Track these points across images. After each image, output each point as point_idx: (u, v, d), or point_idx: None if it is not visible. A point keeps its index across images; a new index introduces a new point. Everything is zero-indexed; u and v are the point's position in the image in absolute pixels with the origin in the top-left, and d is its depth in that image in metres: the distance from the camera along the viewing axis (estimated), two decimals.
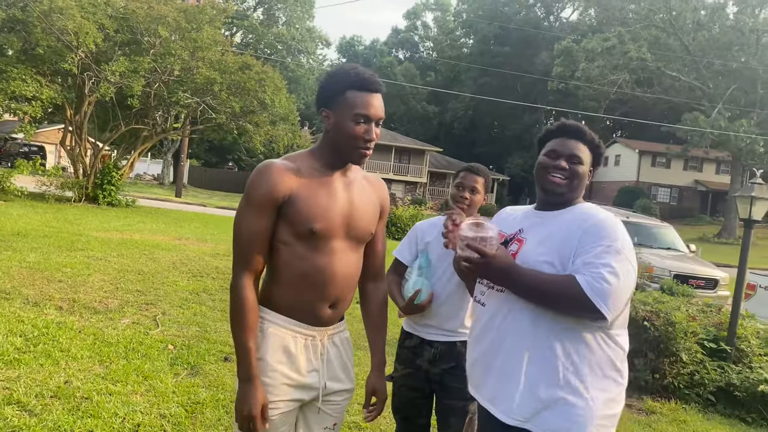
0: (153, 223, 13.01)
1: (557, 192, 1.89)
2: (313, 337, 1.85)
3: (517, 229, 1.94)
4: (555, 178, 1.88)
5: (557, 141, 1.93)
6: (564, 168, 1.87)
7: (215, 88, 15.75)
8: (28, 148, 31.49)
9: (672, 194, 45.55)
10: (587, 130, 1.95)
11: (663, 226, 13.52)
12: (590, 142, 1.93)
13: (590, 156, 1.93)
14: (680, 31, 36.30)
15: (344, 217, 1.82)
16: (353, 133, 1.76)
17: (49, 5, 13.31)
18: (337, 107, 1.78)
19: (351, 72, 1.80)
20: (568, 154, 1.89)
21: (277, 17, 47.36)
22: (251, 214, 1.76)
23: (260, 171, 1.77)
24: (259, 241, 1.77)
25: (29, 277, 6.14)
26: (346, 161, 1.85)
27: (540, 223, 1.90)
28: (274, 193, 1.74)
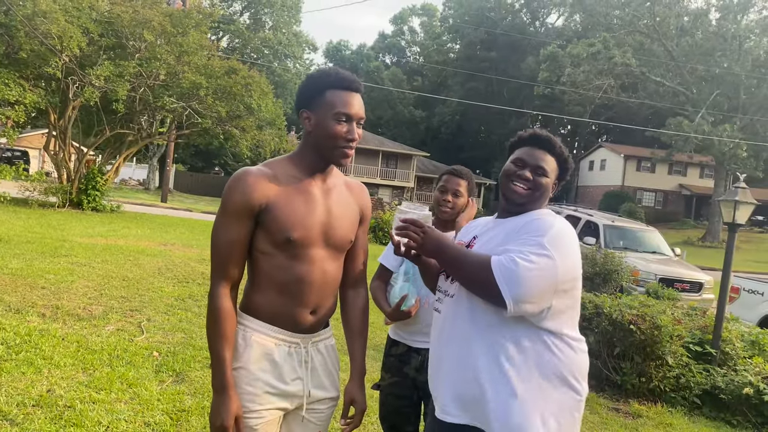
0: (138, 229, 12.90)
1: (517, 201, 1.88)
2: (296, 344, 1.83)
3: (471, 236, 1.96)
4: (517, 186, 1.87)
5: (526, 150, 1.92)
6: (528, 178, 1.87)
7: (201, 93, 15.68)
8: (11, 153, 31.14)
9: (657, 198, 45.99)
10: (558, 142, 1.94)
11: (648, 230, 13.64)
12: (559, 155, 1.92)
13: (557, 169, 1.92)
14: (664, 37, 36.71)
15: (322, 225, 1.80)
16: (334, 132, 1.75)
17: (32, 9, 13.18)
18: (318, 107, 1.77)
19: (331, 72, 1.80)
20: (534, 164, 1.88)
21: (263, 22, 47.30)
22: (227, 222, 1.74)
23: (236, 178, 1.75)
24: (235, 250, 1.75)
25: (11, 284, 6.06)
26: (327, 163, 1.82)
27: (492, 228, 1.92)
28: (250, 201, 1.71)
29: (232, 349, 1.74)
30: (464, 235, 2.05)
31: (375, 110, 58.91)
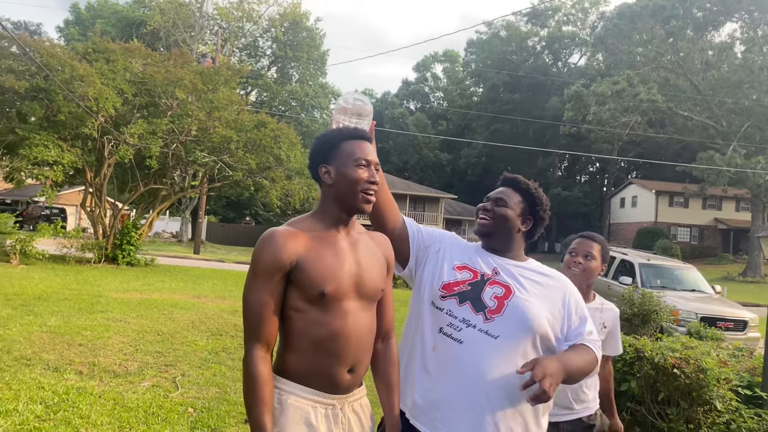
0: (172, 282, 13.06)
1: (482, 232, 2.06)
2: (333, 405, 1.79)
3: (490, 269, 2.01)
4: (480, 219, 2.06)
5: (495, 190, 2.11)
6: (487, 209, 2.05)
7: (232, 146, 16.05)
8: (49, 211, 32.08)
9: (692, 233, 45.01)
10: (521, 179, 2.10)
11: (685, 268, 13.30)
12: (523, 189, 2.08)
13: (521, 202, 2.06)
14: (689, 72, 36.59)
15: (353, 276, 1.79)
16: (357, 177, 1.78)
17: (70, 73, 13.77)
18: (336, 159, 1.81)
19: (341, 128, 1.89)
20: (495, 197, 2.07)
21: (290, 75, 48.54)
22: (258, 284, 1.73)
23: (264, 239, 1.76)
24: (268, 311, 1.73)
25: (50, 342, 6.15)
26: (351, 211, 1.83)
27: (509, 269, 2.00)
28: (281, 260, 1.72)
29: (272, 414, 1.71)
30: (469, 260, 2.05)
31: (401, 155, 59.45)
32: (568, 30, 58.57)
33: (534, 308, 1.90)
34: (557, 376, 1.76)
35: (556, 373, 1.76)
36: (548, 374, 1.73)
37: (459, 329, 1.90)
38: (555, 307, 1.95)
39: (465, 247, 2.12)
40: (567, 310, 1.97)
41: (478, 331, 1.87)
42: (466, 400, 1.85)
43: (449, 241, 2.14)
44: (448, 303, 1.95)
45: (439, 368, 1.92)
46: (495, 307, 1.91)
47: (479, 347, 1.86)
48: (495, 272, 1.99)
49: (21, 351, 5.67)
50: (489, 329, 1.87)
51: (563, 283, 2.04)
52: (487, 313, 1.90)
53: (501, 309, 1.90)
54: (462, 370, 1.87)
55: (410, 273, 2.15)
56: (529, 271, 2.02)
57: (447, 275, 2.01)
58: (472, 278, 1.98)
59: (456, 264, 2.04)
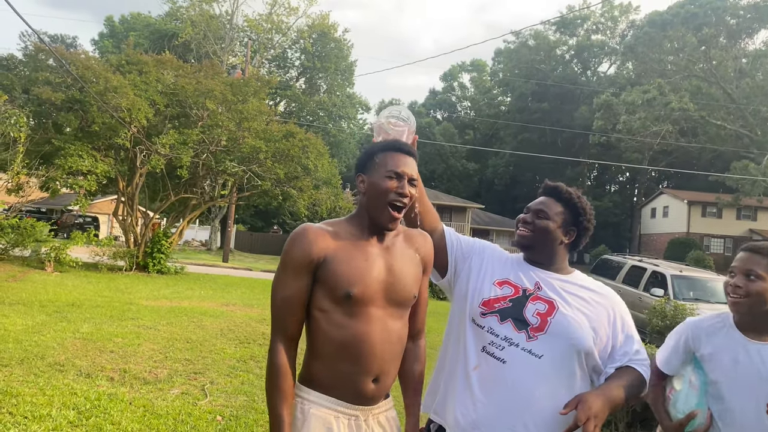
0: (201, 290, 13.20)
1: (522, 244, 2.00)
2: (356, 416, 1.77)
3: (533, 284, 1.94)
4: (520, 230, 2.00)
5: (536, 200, 2.05)
6: (527, 221, 1.99)
7: (261, 156, 16.23)
8: (82, 219, 32.74)
9: (726, 245, 43.97)
10: (564, 188, 2.03)
11: (718, 279, 12.99)
12: (565, 199, 2.01)
13: (564, 212, 1.99)
14: (722, 80, 35.97)
15: (382, 282, 1.78)
16: (385, 188, 1.79)
17: (104, 85, 14.08)
18: (370, 169, 1.85)
19: (383, 141, 1.92)
20: (535, 209, 2.00)
21: (318, 86, 48.94)
22: (286, 277, 1.76)
23: (296, 234, 1.79)
24: (294, 305, 1.76)
25: (82, 348, 6.26)
26: (378, 227, 1.83)
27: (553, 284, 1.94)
28: (310, 255, 1.74)
29: (291, 408, 1.72)
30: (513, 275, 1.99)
31: (428, 165, 59.40)
32: (598, 39, 58.00)
33: (579, 325, 1.84)
34: (602, 415, 1.71)
35: (601, 413, 1.71)
36: (593, 415, 1.68)
37: (501, 348, 1.85)
38: (600, 325, 1.88)
39: (507, 260, 2.06)
40: (613, 328, 1.91)
41: (522, 350, 1.82)
42: (508, 423, 1.80)
43: (491, 254, 2.09)
44: (488, 320, 1.91)
45: (481, 388, 1.86)
46: (538, 325, 1.85)
47: (523, 368, 1.81)
48: (537, 287, 1.93)
49: (54, 357, 5.78)
50: (533, 348, 1.82)
51: (610, 299, 1.97)
52: (530, 331, 1.85)
53: (545, 327, 1.84)
54: (505, 392, 1.82)
55: (449, 284, 2.11)
56: (574, 285, 1.96)
57: (487, 291, 1.96)
58: (513, 294, 1.92)
59: (497, 279, 1.98)
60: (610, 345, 1.89)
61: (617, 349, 1.90)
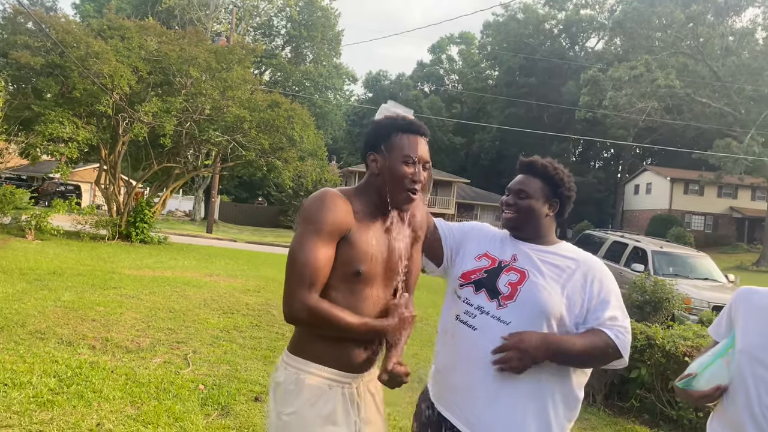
0: (184, 260, 13.15)
1: (509, 226, 2.05)
2: (348, 384, 1.80)
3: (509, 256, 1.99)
4: (505, 213, 2.04)
5: (515, 179, 2.08)
6: (510, 204, 2.03)
7: (245, 126, 16.05)
8: (64, 188, 32.32)
9: (706, 222, 44.60)
10: (539, 162, 2.05)
11: (699, 256, 13.21)
12: (542, 174, 2.03)
13: (543, 187, 2.02)
14: (709, 58, 36.00)
15: (384, 261, 1.81)
16: (402, 173, 1.78)
17: (85, 50, 13.78)
18: (385, 150, 1.80)
19: (398, 118, 1.86)
20: (515, 189, 2.03)
21: (304, 55, 48.34)
22: (319, 240, 1.69)
23: (328, 199, 1.74)
24: (323, 268, 1.71)
25: (64, 316, 6.22)
26: (390, 206, 1.83)
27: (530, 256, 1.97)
28: (343, 224, 1.73)
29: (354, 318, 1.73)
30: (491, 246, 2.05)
31: None
32: (586, 13, 57.73)
33: (548, 292, 1.87)
34: (533, 352, 1.76)
35: (532, 349, 1.77)
36: (521, 348, 1.77)
37: (474, 316, 1.91)
38: (575, 291, 1.90)
39: (492, 236, 2.12)
40: (588, 293, 1.91)
41: (491, 318, 1.88)
42: (478, 384, 1.86)
43: (477, 233, 2.15)
44: (465, 291, 1.97)
45: (454, 354, 1.95)
46: (508, 294, 1.90)
47: (490, 333, 1.86)
48: (513, 259, 1.98)
49: (35, 325, 5.74)
50: (501, 315, 1.87)
51: (590, 265, 1.97)
52: (500, 300, 1.90)
53: (514, 295, 1.90)
54: (473, 356, 1.88)
55: (444, 272, 2.16)
56: (554, 255, 1.99)
57: (467, 264, 2.03)
58: (489, 265, 1.98)
59: (477, 254, 2.04)
60: (584, 309, 1.90)
61: (590, 312, 1.90)
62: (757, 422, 1.80)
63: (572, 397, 1.90)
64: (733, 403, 1.88)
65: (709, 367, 1.92)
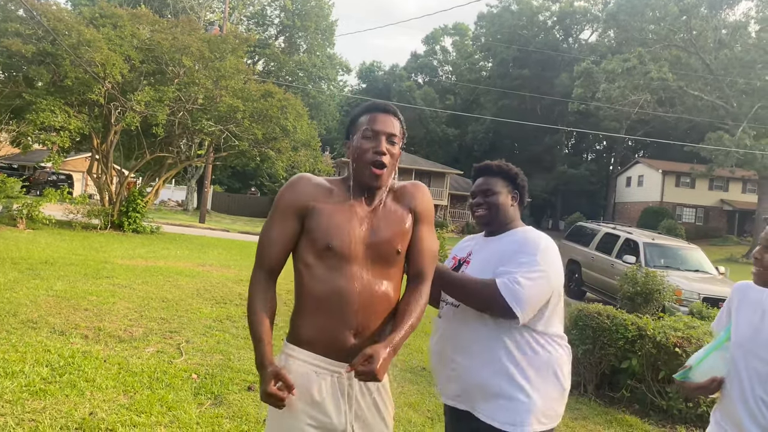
0: (177, 250, 13.12)
1: (483, 222, 2.27)
2: (339, 373, 1.76)
3: (467, 252, 2.30)
4: (476, 212, 2.27)
5: (475, 182, 2.31)
6: (480, 203, 2.26)
7: (238, 116, 15.98)
8: (56, 177, 32.12)
9: (697, 214, 44.86)
10: (493, 164, 2.30)
11: (690, 248, 13.27)
12: (497, 172, 2.28)
13: (505, 183, 2.27)
14: (701, 51, 36.06)
15: (364, 241, 1.79)
16: (363, 148, 1.82)
17: (77, 38, 13.66)
18: (352, 134, 1.89)
19: (365, 104, 1.93)
20: (481, 189, 2.27)
21: (298, 45, 48.07)
22: (274, 219, 1.85)
23: (292, 180, 1.88)
24: (277, 244, 1.84)
25: (56, 306, 6.20)
26: (363, 188, 1.85)
27: (484, 246, 2.26)
28: (299, 201, 1.81)
29: (269, 332, 1.79)
30: (460, 251, 2.37)
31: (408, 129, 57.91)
32: (580, 5, 57.67)
33: (481, 271, 2.10)
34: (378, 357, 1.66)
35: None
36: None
37: (442, 308, 2.24)
38: (503, 262, 2.05)
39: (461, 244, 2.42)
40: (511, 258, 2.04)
41: (448, 305, 2.20)
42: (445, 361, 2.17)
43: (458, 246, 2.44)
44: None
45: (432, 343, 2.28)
46: None
47: (448, 317, 2.19)
48: (469, 254, 2.27)
49: (27, 314, 5.72)
50: (453, 300, 2.16)
51: (523, 237, 2.13)
52: None
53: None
54: (438, 338, 2.22)
55: None
56: (498, 240, 2.21)
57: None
58: (452, 266, 2.28)
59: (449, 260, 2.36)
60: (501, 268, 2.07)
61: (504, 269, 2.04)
62: (752, 414, 1.85)
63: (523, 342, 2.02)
64: (729, 395, 1.93)
65: (705, 360, 1.97)
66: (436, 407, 4.71)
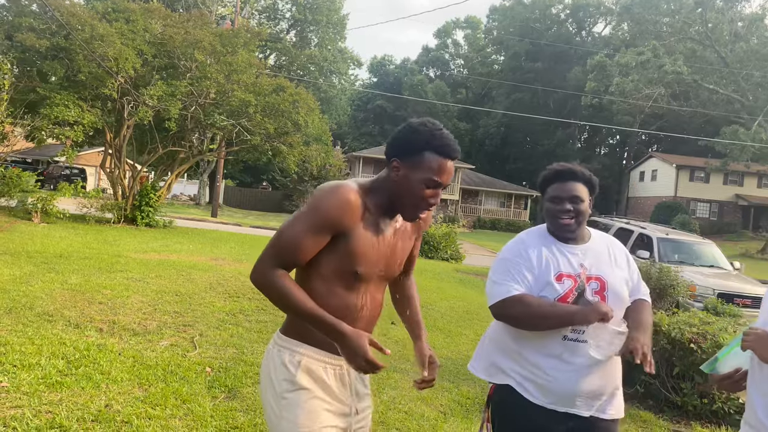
0: (190, 244, 13.18)
1: (569, 231, 2.25)
2: (340, 366, 1.86)
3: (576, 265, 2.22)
4: (564, 220, 2.24)
5: (556, 186, 2.29)
6: (569, 210, 2.23)
7: (250, 110, 15.99)
8: (69, 171, 32.40)
9: (712, 209, 44.45)
10: (578, 167, 2.31)
11: (704, 243, 13.16)
12: (582, 178, 2.28)
13: (587, 190, 2.28)
14: (717, 44, 35.67)
15: (383, 260, 1.85)
16: (420, 195, 1.77)
17: (90, 33, 13.72)
18: (412, 163, 1.77)
19: (435, 132, 1.78)
20: (570, 197, 2.24)
21: (309, 39, 48.07)
22: (309, 226, 1.71)
23: (335, 193, 1.72)
24: (304, 253, 1.73)
25: (71, 299, 6.25)
26: (397, 213, 1.85)
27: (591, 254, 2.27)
28: (341, 222, 1.71)
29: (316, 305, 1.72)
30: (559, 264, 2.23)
31: None
32: None
33: (622, 285, 2.24)
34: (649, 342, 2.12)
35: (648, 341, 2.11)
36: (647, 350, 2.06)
37: (582, 332, 2.13)
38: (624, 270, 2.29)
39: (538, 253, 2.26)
40: (630, 267, 2.32)
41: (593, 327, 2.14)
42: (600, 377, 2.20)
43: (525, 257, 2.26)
44: None
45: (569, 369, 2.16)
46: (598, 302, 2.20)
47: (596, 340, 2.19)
48: (581, 266, 2.22)
49: (43, 307, 5.77)
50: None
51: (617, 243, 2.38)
52: None
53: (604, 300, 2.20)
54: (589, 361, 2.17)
55: None
56: (598, 251, 2.28)
57: (555, 289, 2.18)
58: (573, 286, 2.18)
59: (554, 275, 2.20)
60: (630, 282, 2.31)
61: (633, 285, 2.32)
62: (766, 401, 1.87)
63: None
64: (749, 383, 1.97)
65: (731, 351, 2.03)
66: (448, 402, 4.71)
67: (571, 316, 2.08)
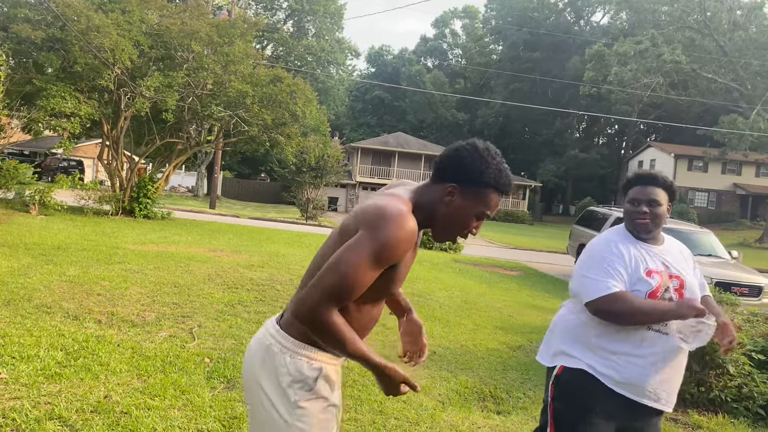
0: (188, 235, 13.18)
1: (646, 231, 2.43)
2: (338, 365, 1.91)
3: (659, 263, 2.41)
4: (641, 221, 2.42)
5: (637, 189, 2.47)
6: (645, 212, 2.41)
7: (247, 101, 15.94)
8: (67, 163, 32.30)
9: (710, 198, 44.53)
10: (659, 174, 2.50)
11: (702, 232, 13.16)
12: (664, 184, 2.46)
13: (667, 196, 2.46)
14: (716, 32, 35.56)
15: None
16: (467, 224, 1.81)
17: (86, 24, 13.64)
18: (471, 194, 1.76)
19: (502, 169, 1.79)
20: (647, 199, 2.42)
21: (306, 29, 47.86)
22: (374, 262, 1.64)
23: (402, 223, 1.65)
24: (362, 290, 1.68)
25: (69, 291, 6.26)
26: (428, 227, 1.85)
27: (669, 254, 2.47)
28: (401, 258, 1.70)
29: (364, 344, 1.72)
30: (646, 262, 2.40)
31: (417, 114, 58.86)
32: None
33: (695, 283, 2.46)
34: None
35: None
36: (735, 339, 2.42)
37: (665, 324, 2.30)
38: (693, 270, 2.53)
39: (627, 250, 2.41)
40: (696, 268, 2.56)
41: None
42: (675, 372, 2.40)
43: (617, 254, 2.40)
44: None
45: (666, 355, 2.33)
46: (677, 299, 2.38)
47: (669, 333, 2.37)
48: (665, 265, 2.42)
49: (41, 299, 5.78)
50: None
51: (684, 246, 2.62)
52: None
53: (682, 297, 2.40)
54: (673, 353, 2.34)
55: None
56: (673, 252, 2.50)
57: (648, 283, 2.36)
58: (661, 281, 2.37)
59: (645, 270, 2.38)
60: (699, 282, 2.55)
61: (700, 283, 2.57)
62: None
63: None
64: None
65: None
66: (447, 391, 4.72)
67: (670, 313, 2.25)
